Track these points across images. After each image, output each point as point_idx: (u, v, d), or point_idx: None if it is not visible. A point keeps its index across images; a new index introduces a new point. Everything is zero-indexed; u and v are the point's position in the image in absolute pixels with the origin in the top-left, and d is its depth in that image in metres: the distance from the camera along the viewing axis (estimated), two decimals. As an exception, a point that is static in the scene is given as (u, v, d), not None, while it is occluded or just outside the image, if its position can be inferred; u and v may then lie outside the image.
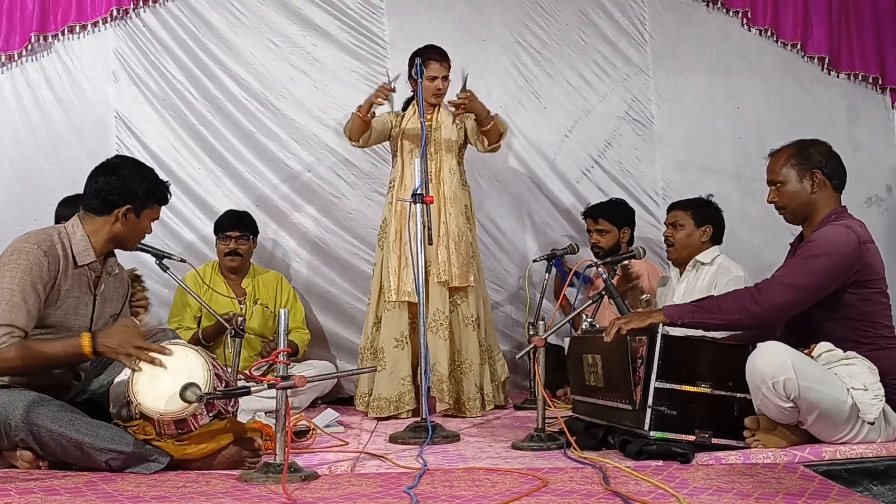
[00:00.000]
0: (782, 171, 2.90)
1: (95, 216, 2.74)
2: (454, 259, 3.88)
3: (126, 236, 2.78)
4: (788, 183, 2.90)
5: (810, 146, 2.92)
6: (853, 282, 2.74)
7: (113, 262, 2.87)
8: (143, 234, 2.86)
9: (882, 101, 5.17)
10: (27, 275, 2.55)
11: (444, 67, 3.93)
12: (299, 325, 4.44)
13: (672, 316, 2.72)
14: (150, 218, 2.82)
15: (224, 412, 2.60)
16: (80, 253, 2.69)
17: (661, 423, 2.60)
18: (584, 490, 2.17)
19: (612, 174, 4.97)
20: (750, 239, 4.86)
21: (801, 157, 2.89)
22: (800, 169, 2.88)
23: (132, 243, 2.86)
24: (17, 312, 2.52)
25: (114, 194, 2.72)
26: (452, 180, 3.97)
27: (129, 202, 2.73)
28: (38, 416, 2.45)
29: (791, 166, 2.89)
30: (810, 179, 2.87)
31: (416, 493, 2.12)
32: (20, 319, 2.53)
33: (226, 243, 4.31)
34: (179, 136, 4.69)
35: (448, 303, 3.89)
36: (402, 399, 3.81)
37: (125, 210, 2.73)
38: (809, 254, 2.75)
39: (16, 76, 4.61)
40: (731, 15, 5.08)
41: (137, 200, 2.74)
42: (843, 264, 2.71)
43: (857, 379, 2.62)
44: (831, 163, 2.90)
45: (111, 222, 2.73)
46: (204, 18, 4.72)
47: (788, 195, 2.91)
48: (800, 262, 2.76)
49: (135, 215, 2.75)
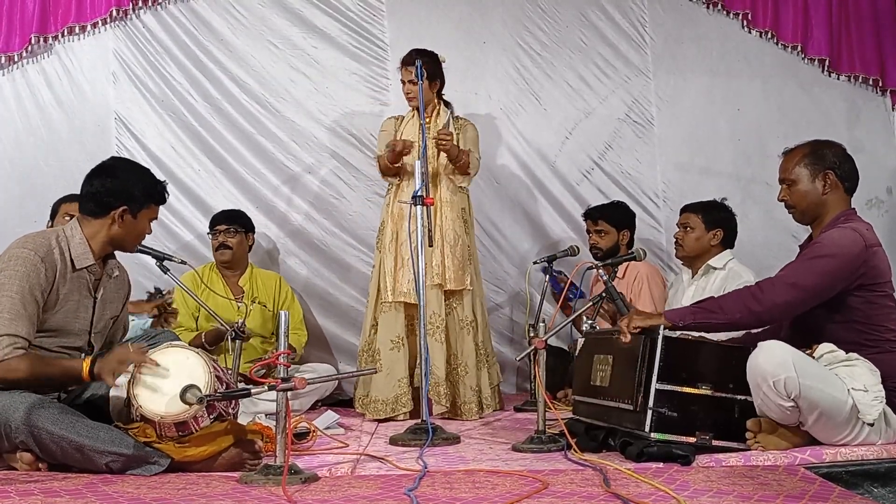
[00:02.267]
0: (795, 169, 2.90)
1: (92, 219, 2.73)
2: (450, 262, 3.88)
3: (124, 238, 2.77)
4: (800, 182, 2.89)
5: (825, 146, 2.91)
6: (858, 285, 2.74)
7: (113, 263, 2.86)
8: (142, 235, 2.84)
9: (882, 103, 5.17)
10: (25, 282, 2.55)
11: (408, 72, 3.91)
12: (297, 325, 4.43)
13: (673, 319, 2.72)
14: (147, 218, 2.80)
15: (225, 414, 2.60)
16: (78, 256, 2.69)
17: (662, 424, 2.60)
18: (584, 492, 2.17)
19: (612, 176, 4.97)
20: (750, 240, 4.84)
21: (815, 157, 2.88)
22: (813, 169, 2.87)
23: (131, 245, 2.84)
24: (18, 322, 2.53)
25: (109, 196, 2.71)
26: (448, 184, 3.97)
27: (126, 203, 2.72)
28: (39, 418, 2.44)
29: (804, 165, 2.88)
30: (822, 180, 2.86)
31: (416, 495, 2.12)
32: (22, 329, 2.53)
33: (216, 238, 4.32)
34: (179, 137, 4.69)
35: (444, 305, 3.88)
36: (398, 401, 3.81)
37: (122, 211, 2.72)
38: (814, 254, 2.75)
39: (16, 77, 4.61)
40: (732, 17, 5.09)
41: (133, 201, 2.73)
42: (848, 267, 2.71)
43: (858, 380, 2.62)
44: (845, 164, 2.89)
45: (108, 224, 2.72)
46: (204, 20, 4.72)
47: (799, 194, 2.90)
48: (804, 263, 2.75)
49: (132, 216, 2.74)
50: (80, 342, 2.74)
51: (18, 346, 2.51)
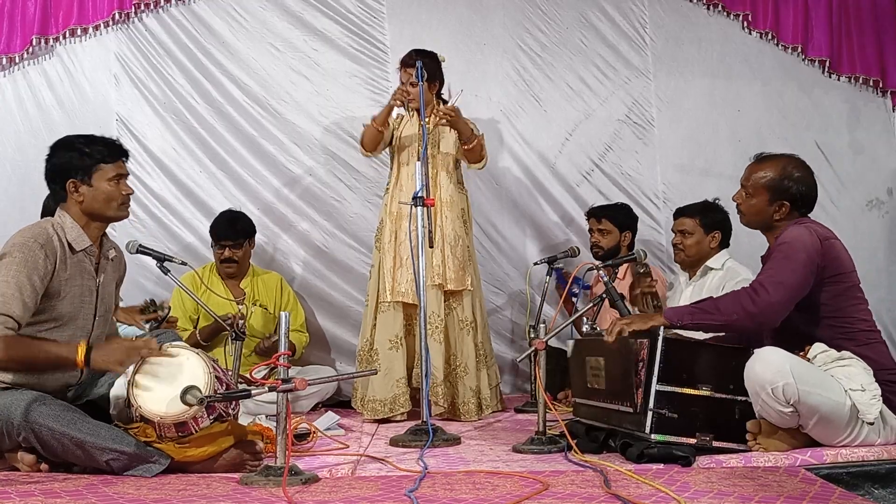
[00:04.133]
0: (757, 185, 2.91)
1: (64, 203, 2.76)
2: (450, 263, 3.88)
3: (93, 207, 2.74)
4: (756, 198, 2.91)
5: (792, 174, 2.88)
6: (822, 278, 2.76)
7: (109, 244, 2.88)
8: (113, 197, 2.75)
9: (883, 104, 5.17)
10: (23, 267, 2.56)
11: (408, 73, 3.90)
12: (299, 327, 4.43)
13: (672, 318, 2.74)
14: (105, 179, 2.73)
15: (225, 415, 2.60)
16: (74, 240, 2.71)
17: (662, 426, 2.61)
18: (585, 493, 2.17)
19: (612, 177, 4.97)
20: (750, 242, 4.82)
21: (780, 186, 2.87)
22: (773, 194, 2.88)
23: (108, 210, 2.76)
24: (12, 303, 2.52)
25: (56, 176, 2.73)
26: (449, 184, 3.97)
27: (72, 174, 2.72)
28: (40, 414, 2.45)
29: (766, 188, 2.89)
30: (778, 207, 2.89)
31: (416, 497, 2.12)
32: (15, 310, 2.53)
33: (220, 252, 4.30)
34: (180, 139, 4.70)
35: (444, 306, 3.88)
36: (396, 401, 3.80)
37: (72, 185, 2.72)
38: (783, 254, 2.77)
39: (17, 79, 4.61)
40: (732, 18, 5.09)
41: (76, 169, 2.72)
42: (813, 259, 2.74)
43: (855, 380, 2.63)
44: (805, 197, 2.90)
45: (73, 202, 2.73)
46: (206, 22, 4.73)
47: (753, 209, 2.93)
48: (780, 262, 2.77)
49: (85, 185, 2.72)
50: (88, 327, 2.76)
51: (8, 326, 2.51)
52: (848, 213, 5.01)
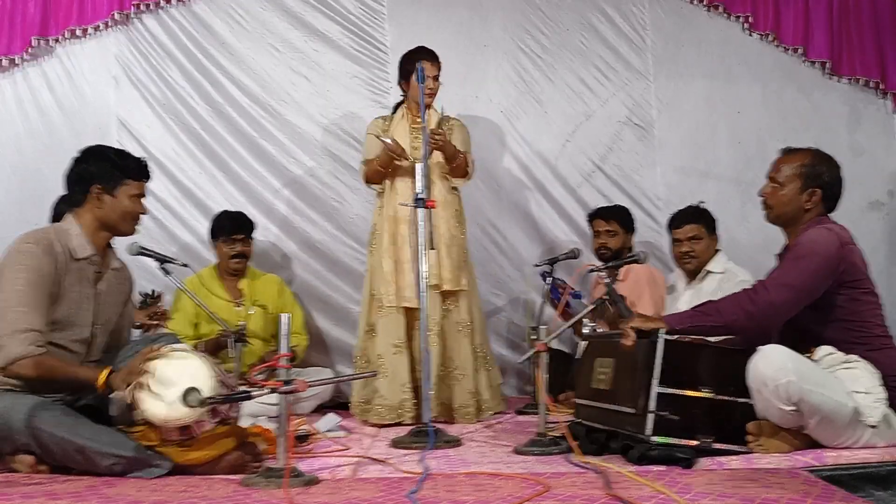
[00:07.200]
0: (788, 174, 2.90)
1: (79, 209, 2.76)
2: (445, 263, 3.85)
3: (110, 217, 2.76)
4: (787, 188, 2.90)
5: (824, 163, 2.91)
6: (840, 282, 2.76)
7: (113, 255, 2.87)
8: (131, 214, 2.79)
9: (883, 106, 5.17)
10: (32, 274, 2.57)
11: (435, 67, 3.92)
12: (298, 330, 4.42)
13: (672, 323, 2.73)
14: (128, 195, 2.77)
15: (227, 418, 2.60)
16: (77, 248, 2.71)
17: (663, 427, 2.60)
18: (586, 495, 2.17)
19: (613, 179, 4.97)
20: (750, 243, 4.85)
21: (812, 171, 2.88)
22: (805, 181, 2.88)
23: (122, 224, 2.80)
24: (34, 315, 2.55)
25: (82, 179, 2.74)
26: (442, 184, 3.96)
27: (98, 182, 2.74)
28: (41, 420, 2.45)
29: (798, 175, 2.89)
30: (809, 196, 2.88)
31: (418, 498, 2.12)
32: (38, 322, 2.56)
33: (231, 246, 4.28)
34: (180, 140, 4.70)
35: (440, 308, 3.86)
36: (403, 405, 3.77)
37: (97, 191, 2.74)
38: (797, 256, 2.77)
39: (17, 80, 4.62)
40: (732, 20, 5.09)
41: (106, 178, 2.74)
42: (830, 265, 2.74)
43: (859, 382, 2.62)
44: (836, 186, 2.91)
45: (91, 208, 2.74)
46: (206, 23, 4.73)
47: (783, 199, 2.91)
48: (790, 264, 2.77)
49: (109, 195, 2.75)
50: (86, 333, 2.75)
51: (40, 344, 2.54)
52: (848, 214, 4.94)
